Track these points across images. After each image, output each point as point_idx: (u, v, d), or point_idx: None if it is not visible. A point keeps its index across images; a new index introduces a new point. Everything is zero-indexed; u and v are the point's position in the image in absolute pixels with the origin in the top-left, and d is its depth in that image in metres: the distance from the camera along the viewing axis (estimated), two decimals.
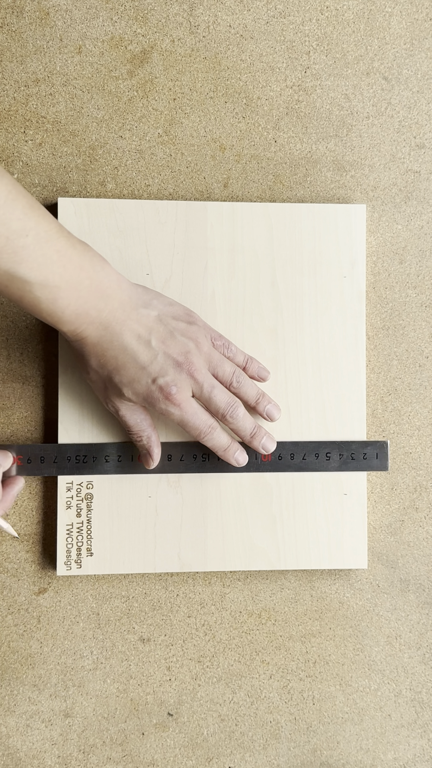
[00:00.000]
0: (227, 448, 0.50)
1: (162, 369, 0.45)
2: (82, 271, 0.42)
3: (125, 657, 0.54)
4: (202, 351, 0.47)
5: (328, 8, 0.54)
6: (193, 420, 0.47)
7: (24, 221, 0.39)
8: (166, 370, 0.45)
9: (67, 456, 0.51)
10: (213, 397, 0.48)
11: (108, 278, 0.44)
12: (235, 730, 0.54)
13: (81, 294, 0.42)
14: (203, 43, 0.54)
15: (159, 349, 0.45)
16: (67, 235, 0.42)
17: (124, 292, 0.45)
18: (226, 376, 0.49)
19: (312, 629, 0.55)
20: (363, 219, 0.53)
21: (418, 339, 0.56)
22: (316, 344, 0.53)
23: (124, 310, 0.44)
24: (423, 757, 0.55)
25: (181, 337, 0.46)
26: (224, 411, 0.48)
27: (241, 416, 0.49)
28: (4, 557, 0.54)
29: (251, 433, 0.50)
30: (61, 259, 0.41)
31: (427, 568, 0.55)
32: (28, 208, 0.39)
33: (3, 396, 0.54)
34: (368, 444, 0.52)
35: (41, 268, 0.40)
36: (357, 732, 0.55)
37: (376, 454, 0.52)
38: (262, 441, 0.51)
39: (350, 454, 0.52)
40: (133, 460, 0.52)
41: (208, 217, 0.53)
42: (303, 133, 0.55)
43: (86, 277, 0.42)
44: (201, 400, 0.48)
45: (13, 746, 0.53)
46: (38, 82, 0.53)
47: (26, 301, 0.41)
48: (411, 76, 0.55)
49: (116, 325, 0.44)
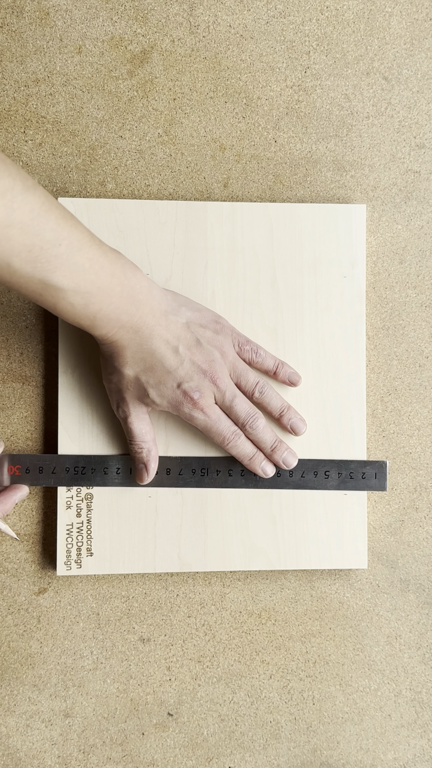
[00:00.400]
0: (253, 458, 0.51)
1: (187, 375, 0.47)
2: (114, 278, 0.43)
3: (125, 657, 0.54)
4: (226, 360, 0.49)
5: (328, 8, 0.54)
6: (217, 425, 0.49)
7: (57, 231, 0.40)
8: (191, 376, 0.47)
9: (66, 467, 0.51)
10: (234, 405, 0.49)
11: (139, 284, 0.45)
12: (235, 730, 0.54)
13: (113, 300, 0.43)
14: (203, 43, 0.54)
15: (185, 356, 0.47)
16: (99, 243, 0.43)
17: (155, 299, 0.46)
18: (249, 385, 0.50)
19: (312, 629, 0.55)
20: (363, 219, 0.53)
21: (418, 339, 0.56)
22: (316, 344, 0.53)
23: (154, 315, 0.46)
24: (423, 757, 0.55)
25: (207, 346, 0.48)
26: (244, 420, 0.49)
27: (261, 427, 0.50)
28: (4, 557, 0.54)
29: (272, 446, 0.51)
30: (93, 267, 0.42)
31: (427, 568, 0.55)
32: (61, 218, 0.40)
33: (3, 396, 0.54)
34: (367, 464, 0.53)
35: (74, 275, 0.41)
36: (357, 732, 0.55)
37: (375, 473, 0.53)
38: (284, 455, 0.51)
39: (349, 473, 0.52)
40: (131, 473, 0.52)
41: (208, 217, 0.53)
42: (303, 133, 0.55)
43: (118, 284, 0.43)
44: (223, 408, 0.49)
45: (13, 746, 0.53)
46: (38, 82, 0.53)
47: (60, 308, 0.42)
48: (411, 76, 0.55)
49: (146, 330, 0.45)
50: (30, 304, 0.54)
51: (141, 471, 0.51)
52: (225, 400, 0.49)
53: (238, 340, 0.50)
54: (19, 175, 0.39)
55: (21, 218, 0.38)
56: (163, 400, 0.48)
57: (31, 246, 0.39)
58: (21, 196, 0.38)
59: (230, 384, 0.49)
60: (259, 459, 0.51)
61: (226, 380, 0.48)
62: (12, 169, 0.38)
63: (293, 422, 0.52)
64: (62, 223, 0.40)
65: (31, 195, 0.39)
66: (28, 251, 0.39)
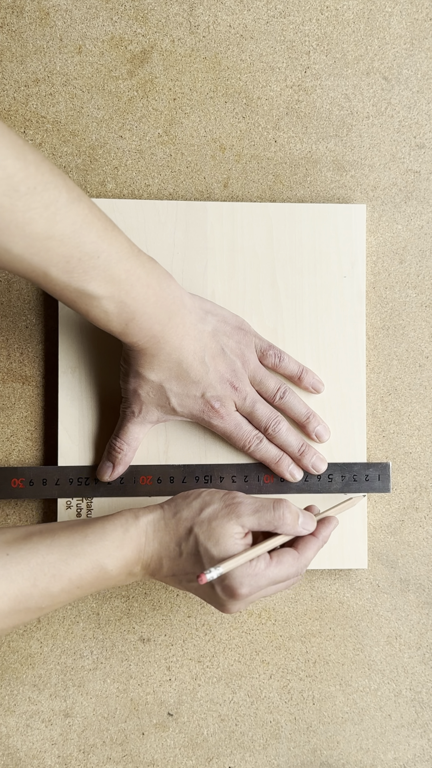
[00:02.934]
0: (279, 461, 0.51)
1: (210, 384, 0.47)
2: (149, 288, 0.43)
3: (125, 657, 0.54)
4: (248, 368, 0.49)
5: (328, 8, 0.54)
6: (237, 431, 0.49)
7: (97, 243, 0.40)
8: (213, 385, 0.47)
9: (69, 478, 0.51)
10: (255, 410, 0.49)
11: (173, 295, 0.45)
12: (235, 730, 0.54)
13: (147, 310, 0.43)
14: (203, 43, 0.54)
15: (210, 366, 0.47)
16: (137, 253, 0.43)
17: (186, 308, 0.46)
18: (270, 391, 0.50)
19: (312, 629, 0.55)
20: (363, 219, 0.53)
21: (418, 339, 0.56)
22: (316, 344, 0.53)
23: (185, 325, 0.46)
24: (423, 757, 0.55)
25: (231, 355, 0.48)
26: (266, 424, 0.50)
27: (284, 430, 0.50)
28: None
29: (299, 449, 0.51)
30: (129, 278, 0.42)
31: (427, 568, 0.55)
32: (102, 230, 0.40)
33: (3, 396, 0.54)
34: (370, 466, 0.53)
35: (110, 285, 0.41)
36: (357, 732, 0.55)
37: (378, 475, 0.53)
38: (312, 460, 0.51)
39: (353, 475, 0.52)
40: (135, 482, 0.51)
41: (208, 217, 0.53)
42: (303, 133, 0.55)
43: (153, 294, 0.44)
44: (243, 413, 0.49)
45: (13, 746, 0.53)
46: (38, 82, 0.53)
47: (93, 314, 0.43)
48: (411, 76, 0.55)
49: (176, 340, 0.46)
50: (30, 304, 0.54)
51: (107, 468, 0.50)
52: (245, 405, 0.49)
53: (261, 346, 0.50)
54: (66, 186, 0.39)
55: (63, 230, 0.38)
56: (184, 409, 0.48)
57: (69, 257, 0.39)
58: (65, 208, 0.38)
59: (251, 390, 0.49)
60: (287, 462, 0.51)
61: (246, 387, 0.49)
62: (59, 181, 0.38)
63: (318, 430, 0.52)
64: (103, 234, 0.40)
65: (75, 207, 0.39)
66: (66, 262, 0.39)
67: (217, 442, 0.53)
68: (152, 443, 0.52)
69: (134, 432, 0.50)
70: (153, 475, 0.51)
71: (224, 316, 0.49)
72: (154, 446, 0.52)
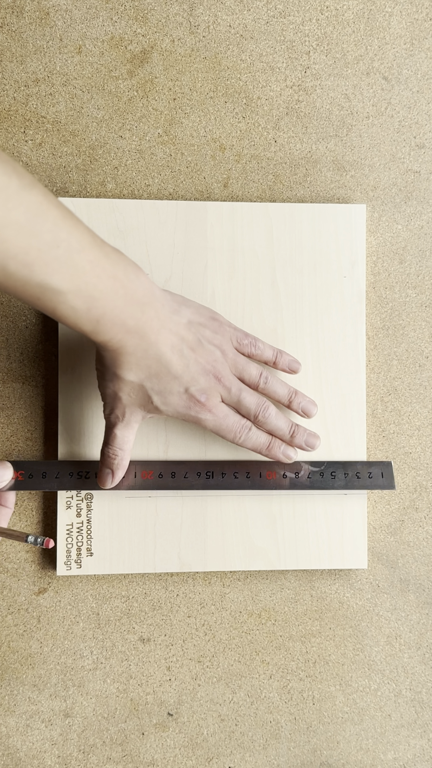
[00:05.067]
0: (270, 446, 0.50)
1: (192, 378, 0.46)
2: (116, 280, 0.41)
3: (125, 657, 0.54)
4: (227, 358, 0.48)
5: (328, 8, 0.54)
6: (226, 422, 0.48)
7: (56, 232, 0.38)
8: (196, 379, 0.46)
9: (69, 472, 0.51)
10: (242, 399, 0.48)
11: (142, 287, 0.43)
12: (235, 730, 0.54)
13: (116, 303, 0.41)
14: (203, 43, 0.54)
15: (190, 358, 0.46)
16: (100, 243, 0.41)
17: (158, 300, 0.44)
18: (252, 378, 0.49)
19: (312, 629, 0.55)
20: (363, 219, 0.53)
21: (418, 339, 0.56)
22: (316, 344, 0.53)
23: (159, 318, 0.44)
24: (423, 757, 0.55)
25: (209, 345, 0.47)
26: (255, 412, 0.49)
27: (274, 415, 0.49)
28: (4, 557, 0.54)
29: (290, 432, 0.50)
30: (94, 269, 0.40)
31: (427, 568, 0.55)
32: (60, 218, 0.39)
33: (3, 396, 0.54)
34: (372, 464, 0.52)
35: (74, 278, 0.39)
36: (357, 732, 0.55)
37: (381, 473, 0.52)
38: (305, 438, 0.51)
39: (355, 473, 0.52)
40: (136, 476, 0.51)
41: (208, 217, 0.53)
42: (303, 133, 0.55)
43: (120, 287, 0.42)
44: (231, 404, 0.48)
45: (13, 746, 0.53)
46: (38, 82, 0.53)
47: (60, 312, 0.40)
48: (411, 76, 0.55)
49: (152, 335, 0.44)
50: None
51: (107, 476, 0.49)
52: (232, 396, 0.48)
53: (236, 336, 0.49)
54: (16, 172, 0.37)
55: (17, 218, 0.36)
56: (168, 407, 0.46)
57: (27, 248, 0.37)
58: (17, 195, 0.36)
59: (234, 380, 0.48)
60: (278, 445, 0.50)
61: (230, 377, 0.48)
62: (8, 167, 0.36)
63: (303, 405, 0.51)
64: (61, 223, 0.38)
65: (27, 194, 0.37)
66: (24, 253, 0.37)
67: (217, 438, 0.53)
68: (152, 442, 0.52)
69: (123, 436, 0.48)
70: (154, 471, 0.51)
71: (197, 308, 0.48)
72: (155, 444, 0.52)
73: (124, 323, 0.42)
